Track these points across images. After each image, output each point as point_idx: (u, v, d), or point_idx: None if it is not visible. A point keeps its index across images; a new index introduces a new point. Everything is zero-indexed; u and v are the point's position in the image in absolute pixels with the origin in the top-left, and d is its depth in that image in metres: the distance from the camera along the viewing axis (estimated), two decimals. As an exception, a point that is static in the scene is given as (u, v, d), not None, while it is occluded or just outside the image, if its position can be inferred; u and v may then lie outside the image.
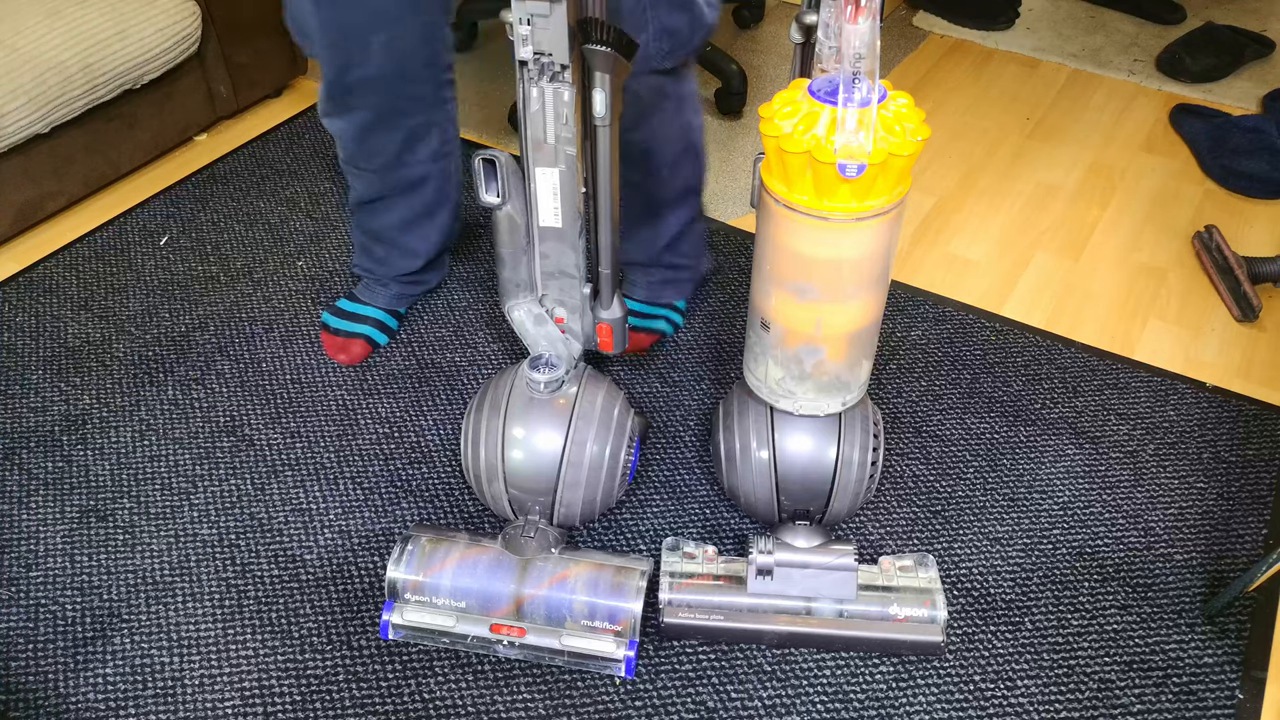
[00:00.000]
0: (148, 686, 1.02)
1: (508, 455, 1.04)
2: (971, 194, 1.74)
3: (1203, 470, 1.26)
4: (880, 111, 0.79)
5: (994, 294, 1.53)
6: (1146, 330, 1.47)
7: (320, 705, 1.01)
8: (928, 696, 1.02)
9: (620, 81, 0.89)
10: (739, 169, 1.76)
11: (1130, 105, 1.98)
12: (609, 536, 1.17)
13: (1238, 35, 2.10)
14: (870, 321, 0.95)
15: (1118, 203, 1.72)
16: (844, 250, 0.87)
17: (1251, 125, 1.80)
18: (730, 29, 2.18)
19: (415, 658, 1.04)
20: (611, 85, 0.88)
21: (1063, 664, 1.05)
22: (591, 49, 0.86)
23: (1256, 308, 1.46)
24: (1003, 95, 2.00)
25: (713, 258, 1.49)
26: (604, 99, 0.88)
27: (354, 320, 1.38)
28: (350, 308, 1.39)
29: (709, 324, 1.45)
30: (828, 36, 0.78)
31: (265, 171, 1.72)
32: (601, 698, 1.01)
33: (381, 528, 1.17)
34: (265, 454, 1.25)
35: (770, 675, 1.04)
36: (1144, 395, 1.35)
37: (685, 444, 1.28)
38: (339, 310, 1.40)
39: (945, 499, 1.22)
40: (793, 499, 1.06)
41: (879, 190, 0.82)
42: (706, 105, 1.93)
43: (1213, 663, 1.06)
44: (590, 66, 0.87)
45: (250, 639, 1.06)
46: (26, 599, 1.10)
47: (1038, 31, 2.21)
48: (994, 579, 1.13)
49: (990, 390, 1.36)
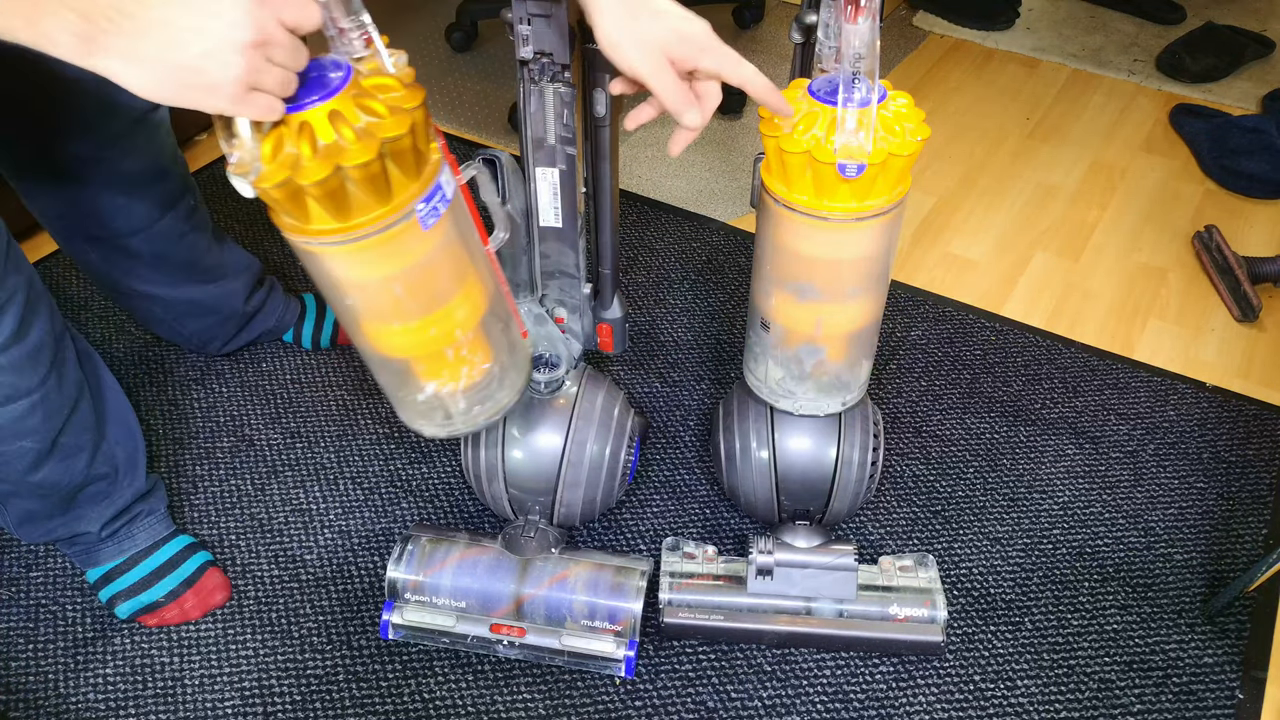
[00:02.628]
0: (148, 686, 1.02)
1: (508, 455, 1.04)
2: (971, 194, 1.74)
3: (1203, 470, 1.26)
4: (880, 111, 0.79)
5: (994, 294, 1.53)
6: (1146, 330, 1.47)
7: (320, 705, 1.01)
8: (928, 696, 1.02)
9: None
10: (739, 169, 1.76)
11: (1130, 105, 1.98)
12: (609, 536, 1.17)
13: (1238, 35, 2.10)
14: (870, 321, 0.95)
15: (1118, 203, 1.72)
16: (844, 250, 0.87)
17: (1251, 125, 1.80)
18: (730, 29, 2.18)
19: (415, 658, 1.04)
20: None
21: (1063, 664, 1.05)
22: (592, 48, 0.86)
23: (1256, 308, 1.46)
24: (1003, 95, 2.00)
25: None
26: (605, 99, 0.88)
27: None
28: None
29: (709, 324, 1.45)
30: (827, 36, 0.78)
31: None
32: (601, 698, 1.01)
33: (381, 528, 1.17)
34: (265, 454, 1.25)
35: (770, 675, 1.04)
36: (1144, 395, 1.35)
37: (685, 444, 1.28)
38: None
39: (945, 499, 1.22)
40: (793, 499, 1.06)
41: (879, 190, 0.82)
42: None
43: (1213, 663, 1.06)
44: (591, 66, 0.87)
45: (250, 639, 1.06)
46: (26, 599, 1.10)
47: (1038, 31, 2.21)
48: (994, 579, 1.13)
49: (990, 390, 1.36)
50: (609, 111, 0.89)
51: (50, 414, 0.92)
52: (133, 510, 1.07)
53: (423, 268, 0.74)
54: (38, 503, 0.98)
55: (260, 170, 0.64)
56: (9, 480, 0.94)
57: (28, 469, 0.93)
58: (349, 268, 0.72)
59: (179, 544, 1.10)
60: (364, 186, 0.66)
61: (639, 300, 1.49)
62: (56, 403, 0.92)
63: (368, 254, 0.71)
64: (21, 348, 0.86)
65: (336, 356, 1.38)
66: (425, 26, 2.16)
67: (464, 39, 2.09)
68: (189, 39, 0.57)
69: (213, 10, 0.57)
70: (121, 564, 1.07)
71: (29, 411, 0.89)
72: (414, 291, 0.75)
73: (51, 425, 0.93)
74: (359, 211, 0.68)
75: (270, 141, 0.64)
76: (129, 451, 1.05)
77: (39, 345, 0.88)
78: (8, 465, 0.92)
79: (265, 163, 0.64)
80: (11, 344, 0.85)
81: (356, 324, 0.78)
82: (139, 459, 1.07)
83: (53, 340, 0.90)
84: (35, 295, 0.88)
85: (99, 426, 1.00)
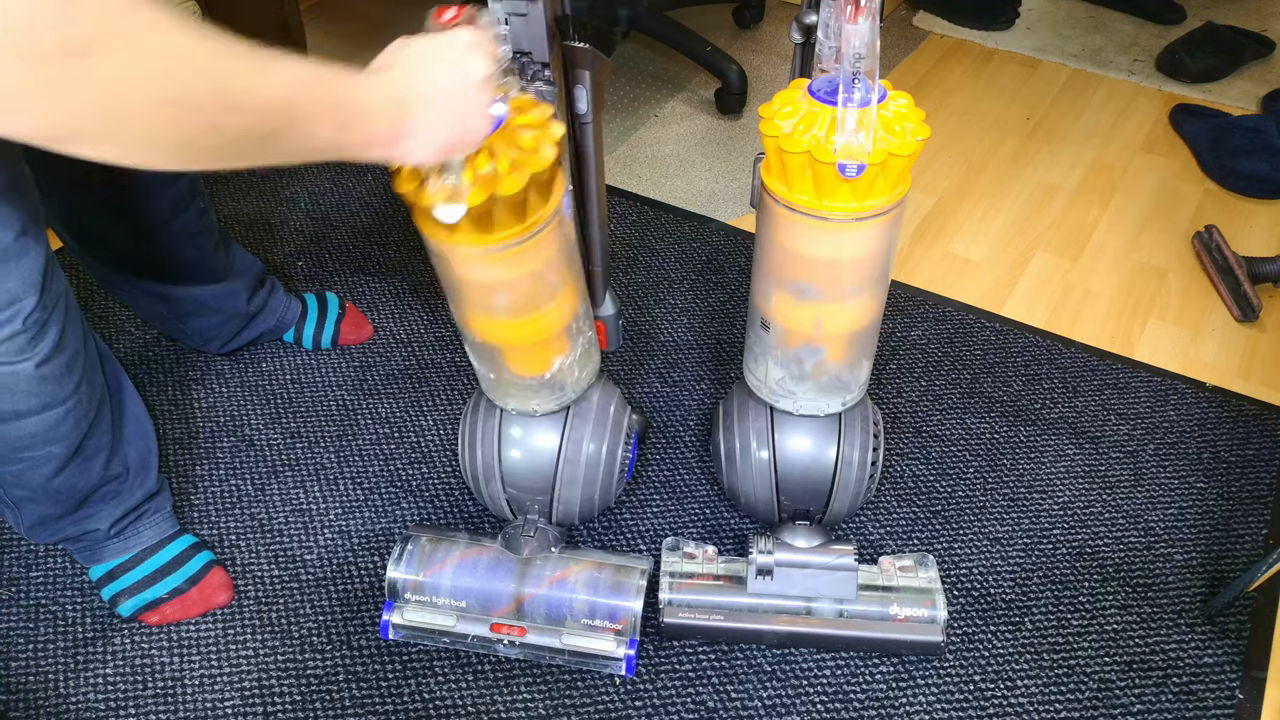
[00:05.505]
0: (148, 686, 1.02)
1: (504, 455, 1.04)
2: (971, 194, 1.74)
3: (1203, 470, 1.26)
4: (880, 111, 0.79)
5: (994, 294, 1.53)
6: (1146, 330, 1.47)
7: (320, 705, 1.01)
8: (928, 696, 1.02)
9: (602, 78, 0.89)
10: (739, 169, 1.76)
11: (1130, 105, 1.98)
12: (609, 536, 1.17)
13: (1238, 35, 2.10)
14: (870, 321, 0.95)
15: (1118, 203, 1.72)
16: (844, 250, 0.87)
17: (1251, 125, 1.80)
18: (730, 29, 2.18)
19: (415, 658, 1.04)
20: (593, 82, 0.88)
21: (1063, 664, 1.05)
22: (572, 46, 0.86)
23: (1256, 308, 1.46)
24: (1003, 95, 2.00)
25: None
26: (586, 96, 0.89)
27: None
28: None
29: (709, 324, 1.45)
30: (828, 36, 0.78)
31: (265, 171, 1.72)
32: (601, 698, 1.01)
33: (381, 528, 1.17)
34: (265, 454, 1.25)
35: (770, 675, 1.04)
36: (1144, 395, 1.35)
37: (685, 444, 1.28)
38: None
39: (945, 499, 1.22)
40: (793, 499, 1.06)
41: (879, 190, 0.82)
42: (707, 105, 1.93)
43: (1213, 663, 1.06)
44: (571, 64, 0.87)
45: (250, 639, 1.06)
46: (26, 599, 1.10)
47: (1038, 31, 2.21)
48: (994, 579, 1.13)
49: (990, 390, 1.36)
50: (591, 109, 0.89)
51: (80, 419, 0.93)
52: (141, 508, 1.07)
53: (557, 259, 0.88)
54: (52, 507, 0.98)
55: (469, 190, 0.74)
56: (29, 487, 0.95)
57: (51, 474, 0.94)
58: (494, 267, 0.84)
59: (184, 543, 1.10)
60: (532, 199, 0.80)
61: (639, 300, 1.49)
62: (86, 407, 0.93)
63: (518, 255, 0.83)
64: (61, 358, 0.87)
65: (337, 357, 1.38)
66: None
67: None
68: (466, 113, 0.69)
69: (473, 74, 0.69)
70: (125, 561, 1.07)
71: (63, 418, 0.90)
72: (547, 279, 0.88)
73: (80, 430, 0.93)
74: (524, 218, 0.81)
75: (470, 171, 0.75)
76: (141, 451, 1.06)
77: (75, 354, 0.89)
78: (33, 471, 0.93)
79: (472, 184, 0.75)
80: (54, 355, 0.86)
81: (491, 319, 0.89)
82: (151, 459, 1.07)
83: (83, 347, 0.91)
84: (71, 305, 0.89)
85: (116, 428, 1.01)
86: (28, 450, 0.90)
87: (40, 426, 0.89)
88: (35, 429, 0.88)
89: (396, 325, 1.43)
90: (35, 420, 0.88)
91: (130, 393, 1.06)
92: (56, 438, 0.91)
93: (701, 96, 1.96)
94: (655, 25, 1.94)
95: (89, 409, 0.94)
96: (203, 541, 1.14)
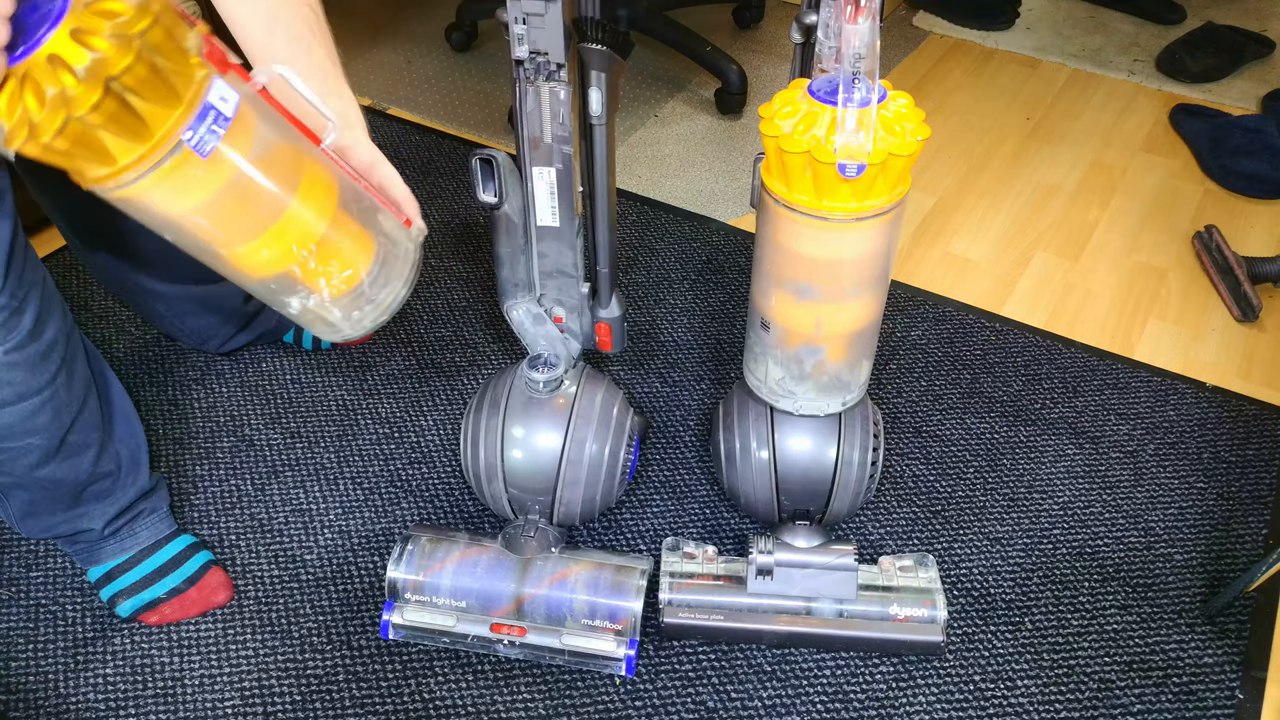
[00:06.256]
0: (148, 686, 1.02)
1: (507, 455, 1.04)
2: (971, 194, 1.74)
3: (1203, 470, 1.26)
4: (880, 111, 0.79)
5: (994, 294, 1.53)
6: (1146, 330, 1.47)
7: (320, 705, 1.01)
8: (928, 696, 1.02)
9: (617, 80, 0.89)
10: (739, 169, 1.76)
11: (1130, 105, 1.98)
12: (609, 536, 1.17)
13: (1238, 35, 2.10)
14: (870, 321, 0.95)
15: (1118, 203, 1.72)
16: (844, 250, 0.87)
17: (1251, 125, 1.80)
18: (730, 29, 2.18)
19: (415, 658, 1.04)
20: (608, 84, 0.88)
21: (1063, 664, 1.05)
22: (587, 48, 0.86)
23: (1256, 308, 1.46)
24: (1003, 95, 2.00)
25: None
26: (600, 98, 0.88)
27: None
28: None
29: (709, 324, 1.45)
30: (828, 36, 0.78)
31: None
32: (601, 698, 1.01)
33: (381, 528, 1.17)
34: (265, 454, 1.25)
35: (770, 675, 1.04)
36: (1144, 395, 1.35)
37: (685, 444, 1.28)
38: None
39: (945, 499, 1.22)
40: (793, 499, 1.06)
41: (879, 190, 0.82)
42: (706, 105, 1.93)
43: (1213, 663, 1.06)
44: (586, 65, 0.87)
45: (250, 639, 1.06)
46: (26, 599, 1.10)
47: (1038, 31, 2.21)
48: (994, 579, 1.13)
49: (990, 390, 1.36)
50: (605, 111, 0.89)
51: (59, 411, 0.92)
52: (136, 508, 1.07)
53: (226, 194, 0.68)
54: (41, 496, 0.98)
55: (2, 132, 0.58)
56: (13, 474, 0.94)
57: (34, 465, 0.94)
58: (139, 209, 0.68)
59: (182, 543, 1.10)
60: (111, 128, 0.60)
61: (639, 300, 1.49)
62: (65, 400, 0.93)
63: (150, 195, 0.66)
64: (36, 346, 0.86)
65: (336, 357, 1.38)
66: (425, 27, 2.16)
67: (464, 39, 2.09)
68: None
69: None
70: (124, 562, 1.07)
71: (39, 409, 0.90)
72: (227, 220, 0.70)
73: (60, 423, 0.93)
74: (121, 154, 0.62)
75: (3, 98, 0.58)
76: (132, 449, 1.06)
77: (52, 343, 0.89)
78: (14, 461, 0.92)
79: (6, 121, 0.58)
80: (28, 342, 0.85)
81: (196, 255, 0.74)
82: (141, 457, 1.07)
83: (64, 338, 0.91)
84: (49, 293, 0.88)
85: (105, 424, 1.01)
86: (5, 440, 0.90)
87: (14, 418, 0.88)
88: (10, 420, 0.88)
89: (396, 325, 1.44)
90: (10, 411, 0.87)
91: (118, 389, 1.06)
92: (33, 429, 0.90)
93: (701, 96, 1.96)
94: (655, 25, 1.94)
95: (70, 403, 0.93)
96: (202, 541, 1.14)
